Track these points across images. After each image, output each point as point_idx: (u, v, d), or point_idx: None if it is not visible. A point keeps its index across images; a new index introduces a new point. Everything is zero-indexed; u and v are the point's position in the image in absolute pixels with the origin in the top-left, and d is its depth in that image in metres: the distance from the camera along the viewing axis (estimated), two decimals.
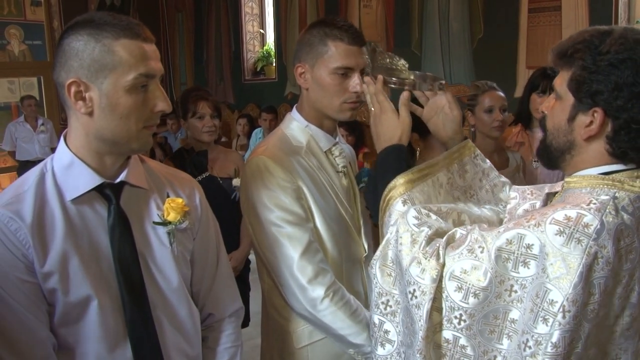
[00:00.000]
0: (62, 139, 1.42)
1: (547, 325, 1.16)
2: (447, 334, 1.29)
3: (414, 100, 1.64)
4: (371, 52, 1.64)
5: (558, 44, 1.33)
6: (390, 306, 1.41)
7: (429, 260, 1.29)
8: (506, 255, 1.21)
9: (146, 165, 1.53)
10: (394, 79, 1.60)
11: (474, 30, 6.15)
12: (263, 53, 9.30)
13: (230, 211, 3.07)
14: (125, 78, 1.30)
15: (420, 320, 1.28)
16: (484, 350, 1.26)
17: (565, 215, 1.19)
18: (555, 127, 1.34)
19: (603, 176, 1.27)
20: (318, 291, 1.70)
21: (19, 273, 1.27)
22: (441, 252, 1.29)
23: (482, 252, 1.24)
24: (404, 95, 1.59)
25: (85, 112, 1.32)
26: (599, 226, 1.16)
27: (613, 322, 1.25)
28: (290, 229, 1.71)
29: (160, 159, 6.97)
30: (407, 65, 1.63)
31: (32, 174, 1.38)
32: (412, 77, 1.62)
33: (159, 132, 8.33)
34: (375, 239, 2.04)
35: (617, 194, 1.23)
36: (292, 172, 1.75)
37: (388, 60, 1.62)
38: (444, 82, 1.62)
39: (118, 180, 1.41)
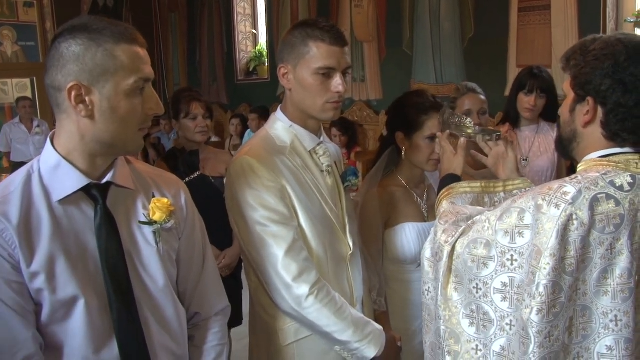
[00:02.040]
0: (48, 140, 1.44)
1: (534, 278, 1.36)
2: (472, 306, 1.52)
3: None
4: (443, 115, 2.07)
5: (565, 52, 1.54)
6: (430, 292, 1.67)
7: (444, 246, 1.58)
8: (505, 229, 1.44)
9: (132, 166, 1.54)
10: (463, 133, 2.00)
11: (464, 30, 6.18)
12: (255, 53, 9.31)
13: (222, 209, 3.08)
14: (126, 82, 1.33)
15: (438, 287, 1.59)
16: (501, 316, 1.48)
17: (549, 187, 1.41)
18: (564, 121, 1.56)
19: (601, 159, 1.46)
20: (303, 289, 1.72)
21: (5, 274, 1.29)
22: (455, 239, 1.56)
23: (485, 229, 1.49)
24: (462, 140, 1.95)
25: (86, 115, 1.34)
26: (575, 193, 1.36)
27: (601, 281, 1.40)
28: (275, 227, 1.73)
29: (153, 160, 6.98)
30: (472, 123, 2.04)
31: (19, 175, 1.40)
32: (476, 129, 2.04)
33: (152, 132, 8.34)
34: (359, 236, 2.08)
35: (608, 171, 1.41)
36: (276, 171, 1.77)
37: (457, 119, 2.04)
38: (500, 133, 2.01)
39: (104, 180, 1.42)
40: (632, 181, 1.39)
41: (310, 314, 1.74)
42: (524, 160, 3.11)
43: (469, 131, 2.02)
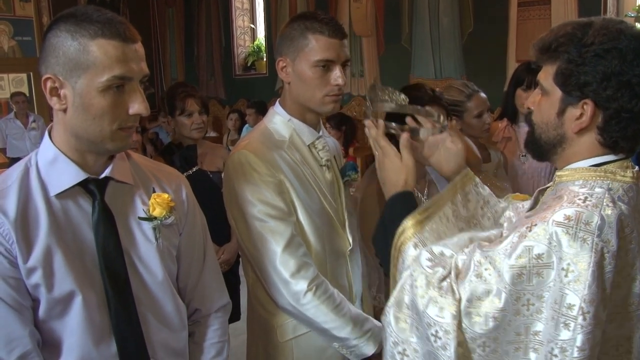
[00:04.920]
0: (46, 133, 1.42)
1: (569, 330, 1.15)
2: None
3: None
4: (371, 90, 1.60)
5: (539, 38, 1.33)
6: (407, 355, 1.33)
7: (445, 297, 1.24)
8: (518, 272, 1.18)
9: (132, 160, 1.52)
10: (393, 124, 1.56)
11: (463, 25, 6.17)
12: (254, 48, 9.29)
13: (220, 204, 3.06)
14: (98, 79, 1.27)
15: None
16: None
17: (565, 215, 1.17)
18: (544, 121, 1.33)
19: (595, 168, 1.27)
20: (301, 285, 1.70)
21: (3, 269, 1.27)
22: (454, 287, 1.25)
23: (489, 274, 1.21)
24: (404, 137, 1.54)
25: (60, 108, 1.32)
26: (599, 221, 1.16)
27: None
28: (273, 223, 1.72)
29: (151, 155, 6.96)
30: (407, 100, 1.62)
31: (16, 169, 1.38)
32: (410, 109, 1.62)
33: (150, 127, 8.32)
34: (359, 232, 2.05)
35: (610, 185, 1.24)
36: (275, 166, 1.75)
37: (387, 96, 1.62)
38: (447, 124, 1.58)
39: (103, 175, 1.40)
40: (632, 194, 1.25)
41: (308, 310, 1.72)
42: (522, 156, 3.09)
43: (405, 110, 1.55)
